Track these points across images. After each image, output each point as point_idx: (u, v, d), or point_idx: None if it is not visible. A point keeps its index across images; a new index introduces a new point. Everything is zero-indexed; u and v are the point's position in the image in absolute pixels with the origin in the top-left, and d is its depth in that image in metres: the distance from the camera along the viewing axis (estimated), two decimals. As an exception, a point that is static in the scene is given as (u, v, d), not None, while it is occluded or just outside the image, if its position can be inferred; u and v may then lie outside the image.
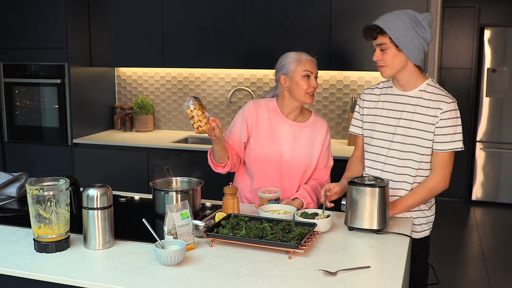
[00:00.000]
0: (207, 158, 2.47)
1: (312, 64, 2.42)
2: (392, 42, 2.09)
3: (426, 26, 2.10)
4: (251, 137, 2.48)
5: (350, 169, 2.40)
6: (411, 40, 2.08)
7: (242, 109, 2.52)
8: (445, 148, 2.12)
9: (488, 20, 5.85)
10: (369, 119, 2.29)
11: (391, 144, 2.20)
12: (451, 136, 2.11)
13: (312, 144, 2.49)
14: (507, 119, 5.68)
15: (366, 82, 3.98)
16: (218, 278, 1.62)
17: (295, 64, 2.39)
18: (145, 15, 4.11)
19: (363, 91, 2.37)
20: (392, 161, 2.20)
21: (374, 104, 2.29)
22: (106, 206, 1.86)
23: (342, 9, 3.65)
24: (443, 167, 2.15)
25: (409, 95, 2.19)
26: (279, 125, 2.48)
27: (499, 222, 5.41)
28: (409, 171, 2.18)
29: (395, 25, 2.07)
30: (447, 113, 2.10)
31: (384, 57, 2.12)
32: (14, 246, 1.89)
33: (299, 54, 2.43)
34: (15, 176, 2.54)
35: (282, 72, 2.42)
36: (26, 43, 4.13)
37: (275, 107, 2.50)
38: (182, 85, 4.48)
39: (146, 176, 3.94)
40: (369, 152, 2.28)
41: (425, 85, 2.17)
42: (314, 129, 2.51)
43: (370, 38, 2.14)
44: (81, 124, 4.21)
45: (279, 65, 2.45)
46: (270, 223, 1.98)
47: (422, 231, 2.26)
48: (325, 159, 2.54)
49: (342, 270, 1.67)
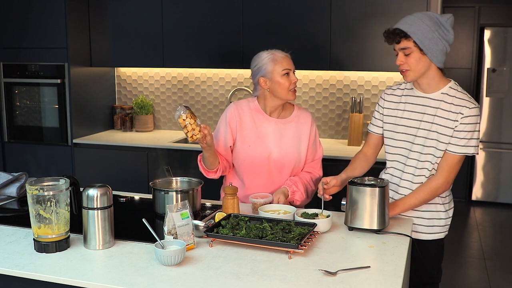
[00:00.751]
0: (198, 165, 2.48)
1: (288, 60, 2.39)
2: (416, 46, 2.06)
3: (449, 28, 2.07)
4: (237, 140, 2.47)
5: (353, 165, 2.37)
6: (435, 43, 2.06)
7: (224, 113, 2.50)
8: (457, 151, 2.11)
9: (488, 20, 5.85)
10: (390, 120, 2.28)
11: (412, 146, 2.19)
12: (467, 140, 2.10)
13: (299, 139, 2.47)
14: (507, 119, 5.68)
15: (366, 82, 3.99)
16: (218, 278, 1.62)
17: (272, 65, 2.36)
18: (145, 15, 4.11)
19: (385, 91, 2.36)
20: (413, 162, 2.20)
21: (395, 105, 2.27)
22: (106, 206, 1.86)
23: (342, 9, 3.65)
24: (450, 170, 2.14)
25: (431, 97, 2.17)
26: (263, 124, 2.46)
27: (499, 222, 5.41)
28: (425, 172, 2.18)
29: (419, 28, 2.04)
30: (467, 118, 2.08)
31: (408, 61, 2.09)
32: (14, 246, 1.89)
33: (273, 53, 2.39)
34: (15, 176, 2.54)
35: (260, 75, 2.39)
36: (26, 43, 4.13)
37: (257, 107, 2.48)
38: (182, 85, 4.48)
39: (146, 176, 3.94)
40: (391, 154, 2.28)
41: (448, 88, 2.15)
42: (299, 122, 2.49)
43: (393, 42, 2.10)
44: (81, 124, 4.21)
45: (255, 67, 2.41)
46: (270, 223, 1.98)
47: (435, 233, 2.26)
48: (313, 152, 2.53)
49: (342, 270, 1.67)
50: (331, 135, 4.14)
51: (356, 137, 3.87)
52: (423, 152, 2.17)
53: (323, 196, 2.14)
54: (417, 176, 2.19)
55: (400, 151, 2.24)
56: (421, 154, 2.17)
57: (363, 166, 2.37)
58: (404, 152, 2.22)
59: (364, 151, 2.41)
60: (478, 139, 2.13)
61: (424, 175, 2.18)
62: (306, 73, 4.13)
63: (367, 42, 3.62)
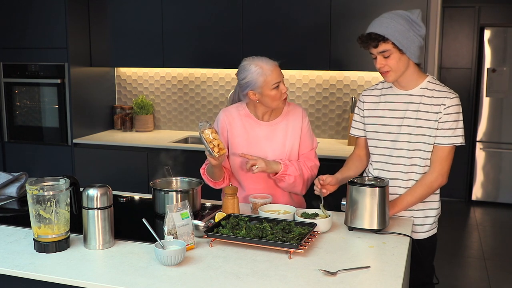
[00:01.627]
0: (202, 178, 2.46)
1: (277, 71, 2.32)
2: (395, 47, 2.07)
3: (421, 23, 2.09)
4: (230, 148, 2.46)
5: (347, 166, 2.38)
6: (412, 41, 2.08)
7: (215, 122, 2.48)
8: (445, 142, 2.13)
9: (488, 20, 5.85)
10: (372, 121, 2.28)
11: (396, 144, 2.20)
12: (452, 131, 2.12)
13: (292, 135, 2.45)
14: (507, 119, 5.68)
15: (366, 82, 3.98)
16: (218, 278, 1.62)
17: (262, 80, 2.29)
18: (145, 15, 4.11)
19: (362, 92, 2.36)
20: (401, 160, 2.20)
21: (375, 106, 2.28)
22: (106, 206, 1.86)
23: (342, 9, 3.65)
24: (442, 162, 2.15)
25: (411, 93, 2.18)
26: (254, 129, 2.44)
27: (499, 222, 5.41)
28: (416, 169, 2.18)
29: (395, 29, 2.05)
30: (450, 108, 2.11)
31: (389, 62, 2.10)
32: (14, 246, 1.89)
33: (260, 65, 2.29)
34: (15, 176, 2.54)
35: (249, 89, 2.33)
36: (26, 43, 4.13)
37: (247, 113, 2.45)
38: (182, 85, 4.48)
39: (146, 176, 3.94)
40: (376, 154, 2.28)
41: (426, 83, 2.17)
42: (289, 119, 2.46)
43: (370, 47, 2.10)
44: (81, 124, 4.21)
45: (243, 81, 2.33)
46: (270, 223, 1.98)
47: (427, 231, 2.26)
48: (309, 144, 2.50)
49: (342, 270, 1.67)
50: (331, 135, 4.14)
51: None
52: (410, 148, 2.17)
53: (320, 192, 2.15)
54: (407, 173, 2.19)
55: (384, 151, 2.25)
56: (409, 151, 2.18)
57: (357, 166, 2.38)
58: (387, 151, 2.23)
59: (356, 153, 2.41)
60: (463, 128, 2.15)
61: (414, 171, 2.18)
62: (306, 73, 4.13)
63: (367, 42, 3.61)
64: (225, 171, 2.46)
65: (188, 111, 4.50)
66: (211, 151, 2.18)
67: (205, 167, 2.46)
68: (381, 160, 2.26)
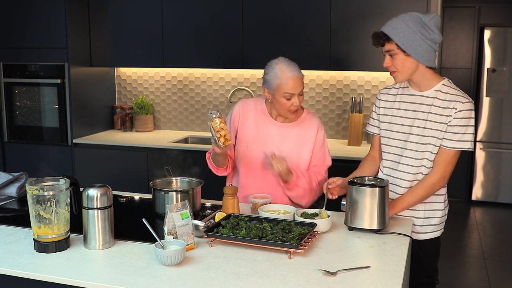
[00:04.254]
0: (207, 162, 2.48)
1: (295, 83, 2.30)
2: (399, 48, 2.07)
3: (433, 28, 2.07)
4: (237, 138, 2.47)
5: (362, 167, 2.38)
6: (418, 43, 2.06)
7: (231, 111, 2.51)
8: (451, 146, 2.12)
9: (488, 20, 5.85)
10: (386, 119, 2.29)
11: (406, 144, 2.20)
12: (461, 135, 2.11)
13: (302, 143, 2.44)
14: (507, 119, 5.68)
15: (366, 82, 3.99)
16: (218, 278, 1.62)
17: (276, 83, 2.30)
18: (145, 15, 4.11)
19: (380, 91, 2.37)
20: (409, 161, 2.20)
21: (390, 104, 2.29)
22: (106, 206, 1.86)
23: (342, 9, 3.65)
24: (445, 165, 2.14)
25: (425, 95, 2.18)
26: (266, 126, 2.45)
27: (499, 222, 5.41)
28: (423, 170, 2.18)
29: (400, 30, 2.06)
30: (461, 113, 2.10)
31: (394, 62, 2.11)
32: (14, 246, 1.89)
33: (283, 69, 2.29)
34: (15, 176, 2.54)
35: (265, 86, 2.36)
36: (26, 43, 4.13)
37: (263, 109, 2.47)
38: (182, 85, 4.48)
39: (146, 176, 3.94)
40: (387, 153, 2.29)
41: (441, 85, 2.16)
42: (304, 127, 2.46)
43: (378, 45, 2.14)
44: (81, 124, 4.21)
45: (264, 76, 2.37)
46: (270, 223, 1.98)
47: (430, 232, 2.26)
48: (321, 158, 2.48)
49: (342, 270, 1.67)
50: (331, 135, 4.14)
51: (356, 137, 3.87)
52: (419, 150, 2.17)
53: (327, 194, 2.17)
54: (415, 174, 2.19)
55: (394, 150, 2.25)
56: (418, 152, 2.18)
57: (371, 168, 2.37)
58: (397, 151, 2.23)
59: (371, 154, 2.41)
60: (473, 134, 2.14)
61: (422, 172, 2.19)
62: (306, 73, 4.07)
63: (367, 42, 3.58)
64: (229, 160, 2.47)
65: (188, 111, 4.50)
66: (216, 140, 2.18)
67: (211, 152, 2.46)
68: (391, 159, 2.26)
